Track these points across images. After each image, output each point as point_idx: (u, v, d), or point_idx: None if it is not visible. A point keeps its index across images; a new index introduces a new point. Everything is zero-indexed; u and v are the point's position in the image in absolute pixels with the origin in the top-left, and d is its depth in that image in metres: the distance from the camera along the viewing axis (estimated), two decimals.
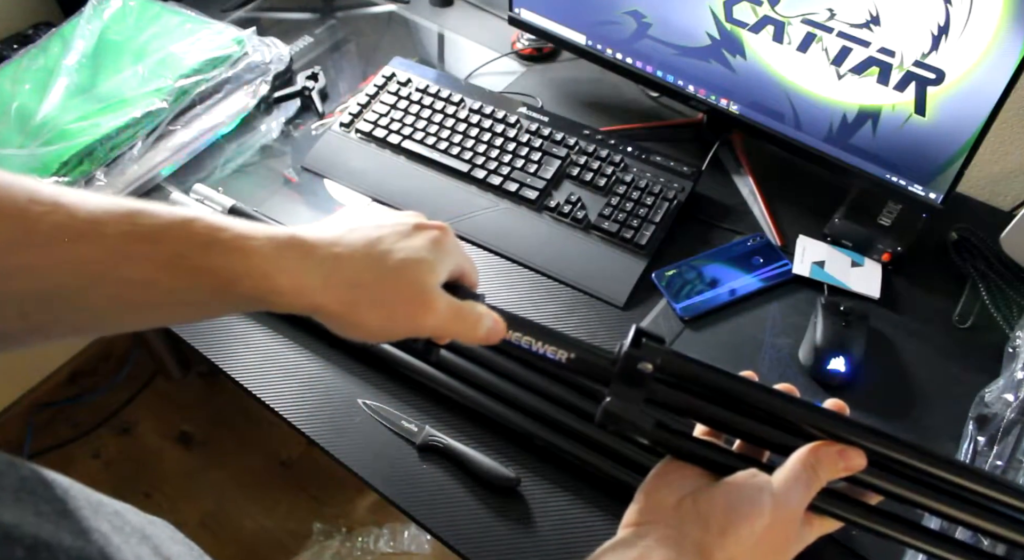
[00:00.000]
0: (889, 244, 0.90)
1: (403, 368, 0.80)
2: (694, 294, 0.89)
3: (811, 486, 0.41)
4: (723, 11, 0.88)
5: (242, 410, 1.70)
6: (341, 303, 0.42)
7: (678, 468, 0.44)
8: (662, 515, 0.42)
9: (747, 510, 0.40)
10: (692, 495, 0.42)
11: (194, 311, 0.44)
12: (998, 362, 0.83)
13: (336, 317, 0.42)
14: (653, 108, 1.11)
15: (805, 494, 0.41)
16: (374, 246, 0.43)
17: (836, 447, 0.41)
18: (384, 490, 0.74)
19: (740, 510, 0.40)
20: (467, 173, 0.98)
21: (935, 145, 0.82)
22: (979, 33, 0.73)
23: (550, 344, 0.44)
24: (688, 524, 0.41)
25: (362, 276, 0.42)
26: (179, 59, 1.05)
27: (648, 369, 0.42)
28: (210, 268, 0.40)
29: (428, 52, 1.22)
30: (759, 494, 0.41)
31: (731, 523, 0.40)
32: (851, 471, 0.41)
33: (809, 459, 0.41)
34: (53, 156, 0.93)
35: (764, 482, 0.41)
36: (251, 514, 1.58)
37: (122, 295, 0.40)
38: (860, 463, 0.41)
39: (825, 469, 0.41)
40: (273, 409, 0.80)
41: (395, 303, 0.43)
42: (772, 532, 0.40)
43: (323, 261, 0.42)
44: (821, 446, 0.42)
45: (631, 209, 0.93)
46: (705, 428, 0.46)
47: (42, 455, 1.65)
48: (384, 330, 0.43)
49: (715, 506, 0.41)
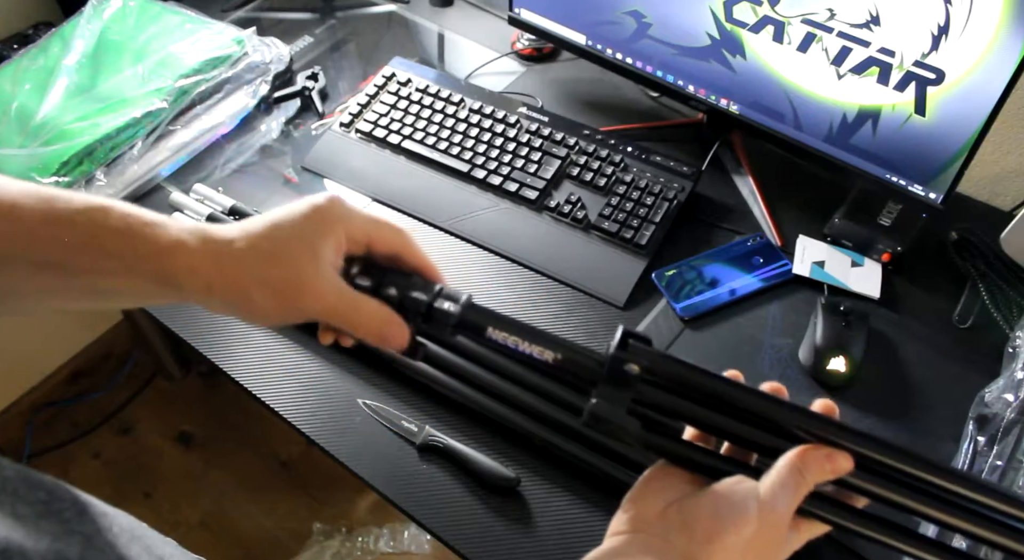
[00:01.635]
0: (889, 244, 0.90)
1: (403, 368, 0.80)
2: (694, 294, 0.89)
3: (798, 490, 0.40)
4: (723, 11, 0.88)
5: (242, 410, 1.70)
6: (232, 285, 0.42)
7: (664, 476, 0.44)
8: (648, 524, 0.41)
9: (733, 517, 0.40)
10: (678, 503, 0.42)
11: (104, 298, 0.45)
12: (998, 362, 0.83)
13: (231, 300, 0.43)
14: (653, 108, 1.11)
15: (792, 498, 0.40)
16: (268, 228, 0.43)
17: (823, 450, 0.41)
18: (384, 490, 0.74)
19: (726, 517, 0.40)
20: (467, 173, 0.98)
21: (935, 145, 0.82)
22: (979, 33, 0.73)
23: (536, 344, 0.43)
24: (673, 532, 0.40)
25: (248, 257, 0.42)
26: (179, 59, 1.05)
27: (635, 371, 0.42)
28: (119, 252, 0.41)
29: (428, 52, 1.22)
30: (745, 500, 0.40)
31: (716, 531, 0.39)
32: (838, 474, 0.41)
33: (796, 463, 0.41)
34: (53, 156, 0.93)
35: (750, 488, 0.41)
36: (251, 514, 1.58)
37: (34, 276, 0.42)
38: (847, 466, 0.41)
39: (812, 473, 0.40)
40: (273, 409, 0.80)
41: (276, 285, 0.42)
42: (759, 538, 0.40)
43: (219, 244, 0.42)
44: (808, 450, 0.41)
45: (631, 209, 0.93)
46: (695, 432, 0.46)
47: (42, 455, 1.65)
48: (278, 313, 0.43)
49: (700, 514, 0.40)
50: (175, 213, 0.93)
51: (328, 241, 0.43)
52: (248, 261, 0.42)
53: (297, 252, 0.42)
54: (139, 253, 0.41)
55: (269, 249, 0.42)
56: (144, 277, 0.42)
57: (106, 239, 0.41)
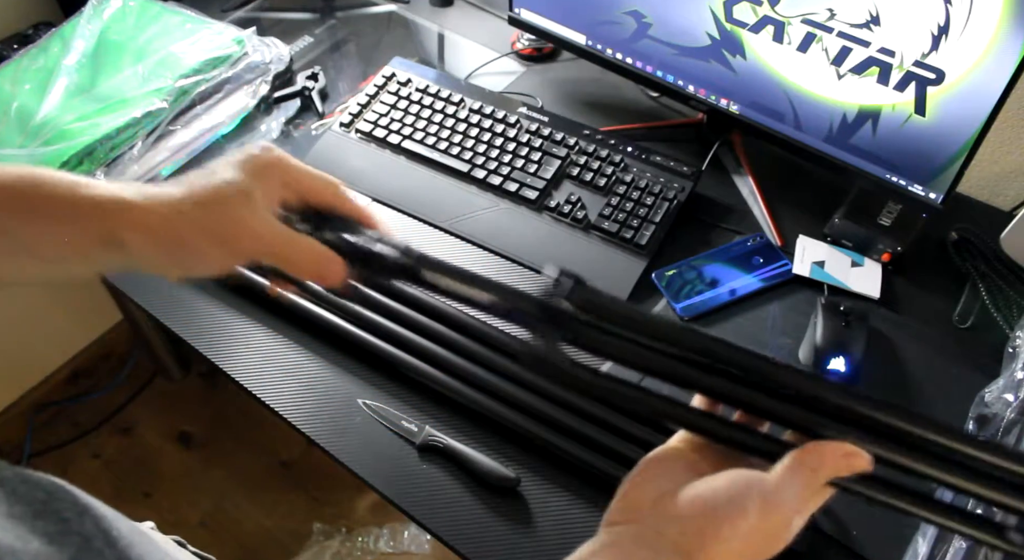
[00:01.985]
0: (889, 244, 0.90)
1: (403, 368, 0.80)
2: (694, 294, 0.89)
3: (809, 488, 0.38)
4: (723, 11, 0.88)
5: (242, 410, 1.70)
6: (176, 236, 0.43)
7: (659, 463, 0.43)
8: (640, 514, 0.40)
9: (728, 510, 0.38)
10: (672, 493, 0.40)
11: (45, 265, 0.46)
12: (998, 362, 0.83)
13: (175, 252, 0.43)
14: (653, 108, 1.11)
15: (801, 496, 0.38)
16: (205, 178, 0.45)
17: (844, 449, 0.38)
18: (384, 490, 0.74)
19: (721, 510, 0.38)
20: (467, 173, 0.98)
21: (935, 145, 0.82)
22: (979, 33, 0.73)
23: (471, 286, 0.44)
24: (666, 523, 0.39)
25: (188, 206, 0.43)
26: (179, 59, 1.05)
27: (568, 309, 0.41)
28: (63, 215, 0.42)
29: (428, 52, 1.22)
30: (744, 493, 0.38)
31: (710, 523, 0.38)
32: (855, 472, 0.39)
33: (811, 461, 0.38)
34: (53, 156, 0.93)
35: (753, 480, 0.38)
36: (251, 514, 1.58)
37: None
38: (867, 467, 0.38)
39: (828, 473, 0.38)
40: (273, 409, 0.80)
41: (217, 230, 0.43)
42: (759, 531, 0.38)
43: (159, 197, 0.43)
44: (826, 447, 0.38)
45: (631, 209, 0.93)
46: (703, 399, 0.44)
47: (42, 455, 1.65)
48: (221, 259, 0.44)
49: (695, 504, 0.39)
50: None
51: (263, 186, 0.45)
52: (189, 210, 0.43)
53: (234, 198, 0.44)
54: (82, 213, 0.42)
55: (208, 197, 0.44)
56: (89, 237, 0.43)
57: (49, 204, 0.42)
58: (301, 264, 0.45)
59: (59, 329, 1.66)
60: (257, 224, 0.44)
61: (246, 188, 0.44)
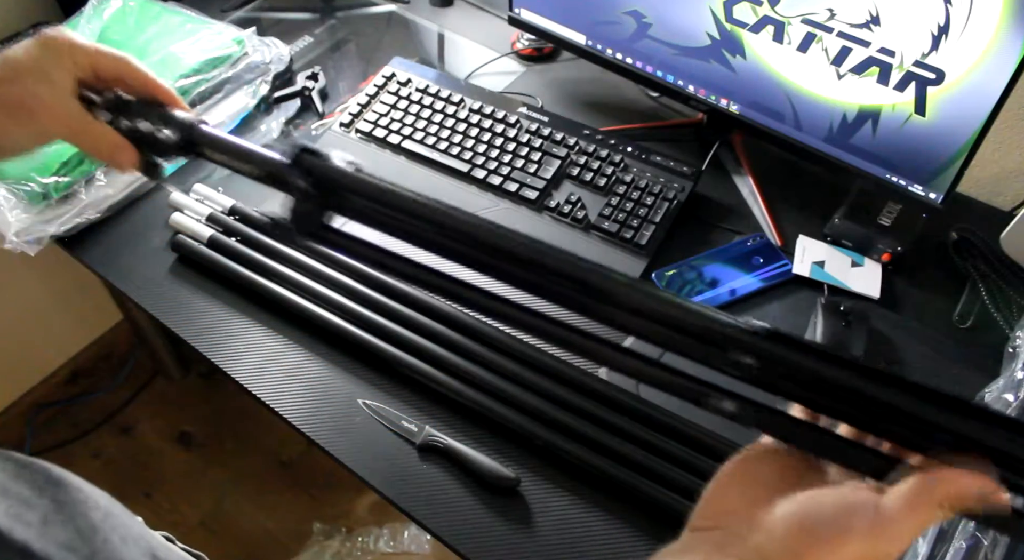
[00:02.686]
0: (889, 244, 0.90)
1: (403, 368, 0.80)
2: (694, 294, 0.89)
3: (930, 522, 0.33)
4: (723, 11, 0.88)
5: (242, 410, 1.70)
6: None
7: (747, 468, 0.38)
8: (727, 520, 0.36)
9: (831, 532, 0.33)
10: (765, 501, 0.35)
11: None
12: (998, 362, 0.83)
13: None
14: (653, 108, 1.11)
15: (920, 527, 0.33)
16: (1, 58, 0.48)
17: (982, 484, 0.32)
18: (384, 490, 0.74)
19: (823, 530, 0.33)
20: (467, 173, 0.98)
21: (935, 145, 0.82)
22: (979, 33, 0.73)
23: (242, 163, 0.48)
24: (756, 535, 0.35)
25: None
26: (179, 59, 1.05)
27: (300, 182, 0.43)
28: None
29: (428, 52, 1.22)
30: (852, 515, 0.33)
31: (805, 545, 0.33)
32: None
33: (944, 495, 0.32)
34: (53, 156, 0.93)
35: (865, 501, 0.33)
36: (251, 514, 1.57)
37: None
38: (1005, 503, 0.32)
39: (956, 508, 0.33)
40: (273, 409, 0.80)
41: (11, 105, 0.47)
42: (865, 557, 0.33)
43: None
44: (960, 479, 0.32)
45: (631, 209, 0.93)
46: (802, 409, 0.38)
47: (42, 455, 1.62)
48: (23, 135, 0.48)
49: (792, 520, 0.34)
50: (175, 213, 0.93)
51: (58, 66, 0.48)
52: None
53: (29, 76, 0.48)
54: None
55: (4, 74, 0.47)
56: None
57: None
58: (97, 151, 0.49)
59: (59, 329, 1.65)
60: (55, 103, 0.48)
61: (43, 67, 0.47)
